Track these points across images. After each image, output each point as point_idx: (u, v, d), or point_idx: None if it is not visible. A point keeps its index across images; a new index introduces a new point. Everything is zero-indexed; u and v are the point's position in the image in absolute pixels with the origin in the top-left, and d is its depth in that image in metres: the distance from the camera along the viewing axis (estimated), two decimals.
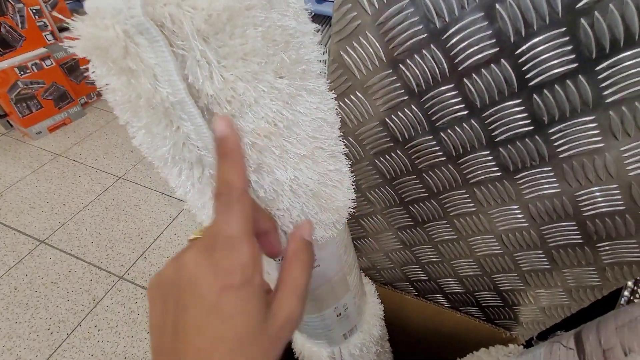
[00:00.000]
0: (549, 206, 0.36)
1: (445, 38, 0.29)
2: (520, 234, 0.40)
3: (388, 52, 0.32)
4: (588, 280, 0.42)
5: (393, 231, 0.50)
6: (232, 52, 0.21)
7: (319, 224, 0.32)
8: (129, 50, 0.18)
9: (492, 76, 0.29)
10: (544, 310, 0.49)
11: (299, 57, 0.24)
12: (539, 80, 0.28)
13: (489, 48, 0.28)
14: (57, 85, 1.81)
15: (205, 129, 0.21)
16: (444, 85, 0.31)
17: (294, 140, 0.26)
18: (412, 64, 0.31)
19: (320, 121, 0.27)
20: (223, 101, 0.22)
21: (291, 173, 0.27)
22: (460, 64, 0.30)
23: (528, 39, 0.26)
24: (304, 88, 0.25)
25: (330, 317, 0.44)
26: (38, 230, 1.38)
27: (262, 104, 0.23)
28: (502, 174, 0.36)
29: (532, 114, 0.30)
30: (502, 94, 0.30)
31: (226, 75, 0.21)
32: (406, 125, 0.36)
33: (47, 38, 1.76)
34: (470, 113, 0.32)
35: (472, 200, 0.40)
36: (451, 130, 0.34)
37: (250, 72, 0.22)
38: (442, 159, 0.37)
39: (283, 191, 0.28)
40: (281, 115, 0.24)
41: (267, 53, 0.21)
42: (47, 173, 1.63)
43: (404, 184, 0.43)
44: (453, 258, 0.49)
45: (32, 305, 1.17)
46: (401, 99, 0.34)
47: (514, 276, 0.46)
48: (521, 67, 0.28)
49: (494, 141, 0.33)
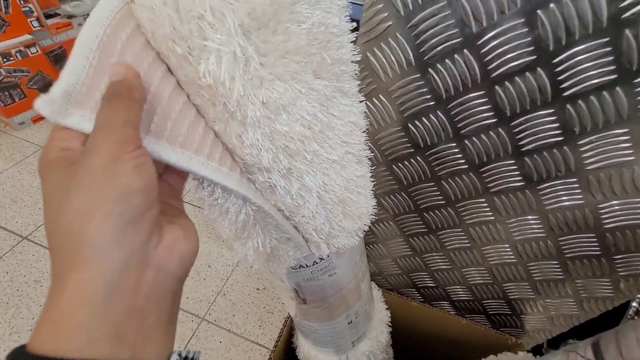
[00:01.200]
0: (569, 217, 0.36)
1: (480, 43, 0.28)
2: (536, 244, 0.40)
3: (418, 55, 0.30)
4: (600, 292, 0.42)
5: (404, 238, 0.49)
6: (273, 49, 0.19)
7: (342, 232, 0.31)
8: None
9: (525, 84, 0.28)
10: (552, 320, 0.49)
11: (338, 57, 0.22)
12: (574, 90, 0.27)
13: (525, 55, 0.27)
14: (42, 74, 1.73)
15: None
16: (473, 92, 0.31)
17: (326, 145, 0.24)
18: (443, 68, 0.30)
19: (351, 125, 0.26)
20: (257, 102, 0.20)
21: (320, 179, 0.26)
22: (493, 70, 0.29)
23: (568, 47, 0.26)
24: (339, 90, 0.24)
25: (342, 324, 0.43)
26: (20, 226, 1.32)
27: (298, 106, 0.21)
28: (525, 184, 0.35)
29: (563, 124, 0.30)
30: (535, 103, 0.29)
31: (264, 73, 0.19)
32: (429, 131, 0.35)
33: (32, 24, 1.68)
34: (499, 121, 0.32)
35: (490, 209, 0.39)
36: (476, 137, 0.34)
37: (290, 72, 0.20)
38: (463, 167, 0.37)
39: (310, 197, 0.26)
40: (316, 118, 0.22)
41: (308, 52, 0.20)
42: (30, 166, 1.56)
43: (421, 191, 0.42)
44: (464, 266, 0.48)
45: (13, 304, 1.11)
46: (427, 104, 0.33)
47: (525, 285, 0.46)
48: (557, 76, 0.27)
49: (520, 150, 0.33)
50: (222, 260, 1.19)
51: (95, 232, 0.13)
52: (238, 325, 1.02)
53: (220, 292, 1.09)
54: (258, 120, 0.21)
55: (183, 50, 0.18)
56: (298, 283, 0.36)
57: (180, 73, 0.19)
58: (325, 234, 0.30)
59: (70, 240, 0.14)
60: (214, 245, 1.24)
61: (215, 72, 0.18)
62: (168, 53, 0.18)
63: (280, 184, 0.24)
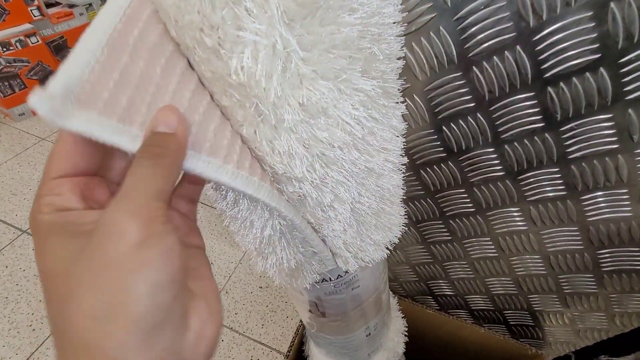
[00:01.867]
0: (612, 230, 0.33)
1: (537, 39, 0.25)
2: (571, 256, 0.38)
3: (462, 51, 0.27)
4: (635, 307, 0.39)
5: (425, 245, 0.47)
6: (318, 42, 0.16)
7: (372, 245, 0.28)
8: None
9: (583, 86, 0.26)
10: (579, 333, 0.47)
11: (389, 52, 0.19)
12: (638, 94, 0.25)
13: (589, 54, 0.24)
14: (42, 64, 1.69)
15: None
16: (522, 94, 0.28)
17: (365, 153, 0.22)
18: (489, 66, 0.27)
19: (391, 130, 0.23)
20: (295, 103, 0.17)
21: (355, 189, 0.23)
22: (548, 70, 0.26)
23: (637, 48, 0.23)
24: (384, 90, 0.21)
25: (360, 337, 0.41)
26: (20, 219, 1.30)
27: (340, 109, 0.18)
28: (568, 193, 0.32)
29: (620, 130, 0.27)
30: (591, 107, 0.26)
31: (306, 71, 0.17)
32: (466, 135, 0.32)
33: (33, 13, 1.64)
34: (546, 126, 0.29)
35: (524, 218, 0.37)
36: (518, 143, 0.31)
37: (335, 69, 0.17)
38: (499, 174, 0.34)
39: (344, 210, 0.23)
40: (359, 122, 0.20)
41: (359, 46, 0.17)
42: (30, 158, 1.53)
43: (448, 198, 0.39)
44: (488, 276, 0.46)
45: (12, 299, 1.09)
46: (466, 105, 0.30)
47: (553, 298, 0.44)
48: (622, 78, 0.24)
49: (567, 158, 0.30)
50: (225, 258, 1.17)
51: (116, 345, 0.11)
52: (240, 323, 1.00)
53: (223, 289, 1.07)
54: (294, 125, 0.18)
55: (213, 42, 0.15)
56: (319, 297, 0.33)
57: (206, 69, 0.16)
58: (355, 248, 0.27)
59: (83, 350, 0.11)
60: (216, 242, 1.22)
61: (250, 69, 0.15)
62: (194, 45, 0.15)
63: (312, 195, 0.22)
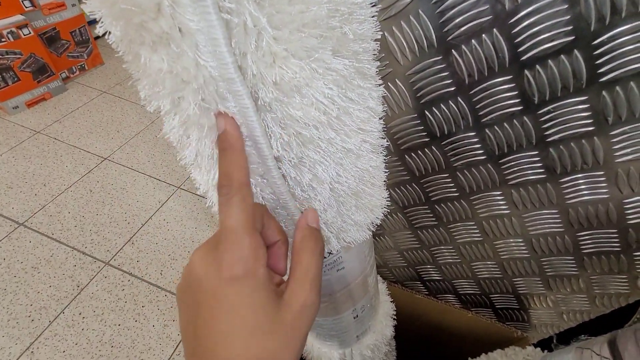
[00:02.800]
0: (590, 212, 0.34)
1: (512, 22, 0.25)
2: (552, 239, 0.38)
3: (441, 35, 0.28)
4: (616, 288, 0.40)
5: (412, 230, 0.48)
6: (288, 21, 0.16)
7: (354, 226, 0.29)
8: (162, 10, 0.14)
9: (559, 68, 0.26)
10: (562, 315, 0.48)
11: (361, 32, 0.20)
12: (613, 75, 0.25)
13: (563, 36, 0.24)
14: (35, 56, 1.67)
15: (253, 112, 0.17)
16: (500, 77, 0.28)
17: (341, 132, 0.22)
18: (467, 50, 0.28)
19: (369, 111, 0.24)
20: (268, 82, 0.18)
21: (333, 169, 0.24)
22: (524, 53, 0.26)
23: (611, 28, 0.23)
24: (359, 71, 0.21)
25: (347, 319, 0.42)
26: (16, 212, 1.30)
27: (314, 88, 0.19)
28: (547, 176, 0.33)
29: (596, 113, 0.27)
30: (567, 89, 0.27)
31: (277, 49, 0.17)
32: (447, 120, 0.33)
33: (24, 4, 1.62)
34: (525, 109, 0.29)
35: (506, 202, 0.37)
36: (498, 127, 0.31)
37: (306, 48, 0.18)
38: (481, 158, 0.34)
39: (323, 189, 0.24)
40: (333, 102, 0.20)
41: (329, 25, 0.17)
42: (25, 151, 1.53)
43: (433, 183, 0.40)
44: (474, 260, 0.47)
45: (10, 290, 1.10)
46: (447, 89, 0.31)
47: (536, 280, 0.45)
48: (595, 60, 0.25)
49: (545, 141, 0.31)
50: None
51: None
52: None
53: None
54: (269, 104, 0.19)
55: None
56: None
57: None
58: (336, 228, 0.28)
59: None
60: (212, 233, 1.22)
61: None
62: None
63: (290, 174, 0.22)
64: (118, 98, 1.86)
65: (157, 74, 0.16)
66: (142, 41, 0.15)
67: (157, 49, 0.15)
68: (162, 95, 0.17)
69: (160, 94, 0.17)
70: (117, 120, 1.73)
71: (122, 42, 0.16)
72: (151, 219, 1.31)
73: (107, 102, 1.83)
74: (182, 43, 0.15)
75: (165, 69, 0.16)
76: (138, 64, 0.16)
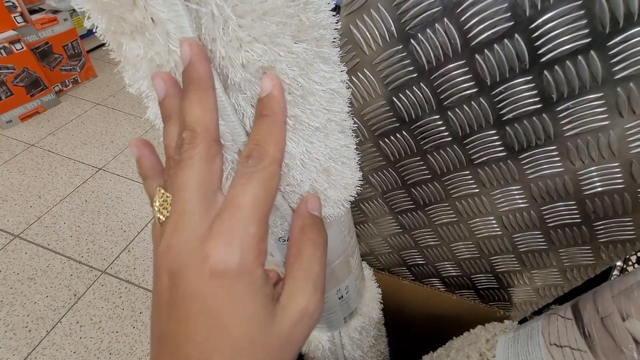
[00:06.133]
0: (550, 186, 0.37)
1: (459, 11, 0.28)
2: (520, 215, 0.41)
3: (399, 26, 0.31)
4: (582, 260, 0.43)
5: (393, 215, 0.50)
6: (250, 10, 0.19)
7: (327, 201, 0.31)
8: (137, 2, 0.17)
9: (504, 52, 0.29)
10: (538, 291, 0.50)
11: (316, 20, 0.22)
12: (551, 56, 0.28)
13: (503, 22, 0.28)
14: (28, 71, 1.70)
15: (222, 92, 0.20)
16: (454, 62, 0.31)
17: (307, 111, 0.25)
18: (424, 39, 0.31)
19: (333, 93, 0.27)
20: (237, 64, 0.21)
21: (303, 146, 0.26)
22: (472, 39, 0.29)
23: (544, 12, 0.26)
24: (319, 55, 0.24)
25: (332, 299, 0.44)
26: (12, 224, 1.31)
27: (278, 70, 0.22)
28: (507, 154, 0.36)
29: (541, 92, 0.30)
30: (513, 70, 0.30)
31: (242, 35, 0.20)
32: (413, 105, 0.36)
33: (16, 20, 1.64)
34: (480, 91, 0.32)
35: (475, 181, 0.40)
36: (459, 109, 0.34)
37: (268, 34, 0.20)
38: (447, 139, 0.37)
39: (294, 165, 0.27)
40: (297, 82, 0.23)
41: (286, 13, 0.20)
42: (19, 164, 1.54)
43: (408, 166, 0.42)
44: (452, 241, 0.49)
45: (7, 302, 1.11)
46: (410, 76, 0.34)
47: (511, 257, 0.47)
48: (534, 42, 0.28)
49: (501, 120, 0.34)
50: None
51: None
52: None
53: None
54: (238, 84, 0.21)
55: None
56: None
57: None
58: None
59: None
60: None
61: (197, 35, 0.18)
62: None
63: None
64: (111, 109, 1.88)
65: (136, 59, 0.19)
66: (122, 31, 0.18)
67: (135, 37, 0.18)
68: (140, 77, 0.19)
69: (138, 76, 0.19)
70: (110, 131, 1.75)
71: (107, 33, 0.19)
72: (147, 226, 1.33)
73: (101, 114, 1.85)
74: (154, 31, 0.17)
75: (142, 55, 0.18)
76: (120, 51, 0.19)
